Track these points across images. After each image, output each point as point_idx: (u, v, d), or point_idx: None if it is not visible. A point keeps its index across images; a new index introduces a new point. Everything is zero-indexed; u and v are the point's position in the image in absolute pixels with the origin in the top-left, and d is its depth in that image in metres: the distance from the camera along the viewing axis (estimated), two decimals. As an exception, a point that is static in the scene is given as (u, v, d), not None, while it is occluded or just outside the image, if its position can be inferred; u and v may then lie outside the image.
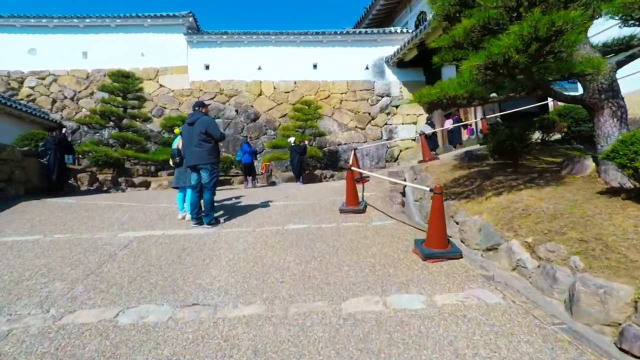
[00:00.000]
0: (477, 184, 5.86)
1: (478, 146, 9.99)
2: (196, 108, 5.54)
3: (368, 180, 7.89)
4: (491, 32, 4.40)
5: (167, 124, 13.58)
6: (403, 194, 7.00)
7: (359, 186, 7.35)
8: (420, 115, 17.37)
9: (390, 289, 3.28)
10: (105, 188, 10.08)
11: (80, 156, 12.86)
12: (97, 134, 14.68)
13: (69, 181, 9.44)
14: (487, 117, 11.28)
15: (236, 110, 16.45)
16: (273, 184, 12.68)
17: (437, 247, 3.93)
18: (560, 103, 12.00)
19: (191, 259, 4.03)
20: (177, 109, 16.21)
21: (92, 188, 9.82)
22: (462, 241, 4.92)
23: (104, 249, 4.37)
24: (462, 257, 3.89)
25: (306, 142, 12.81)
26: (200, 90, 16.61)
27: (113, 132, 12.91)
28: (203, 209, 5.41)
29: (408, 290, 3.26)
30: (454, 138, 12.91)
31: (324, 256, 4.04)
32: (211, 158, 5.31)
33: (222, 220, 5.65)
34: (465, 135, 13.47)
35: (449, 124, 12.51)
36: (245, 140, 11.69)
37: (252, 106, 16.59)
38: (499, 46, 3.67)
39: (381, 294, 3.20)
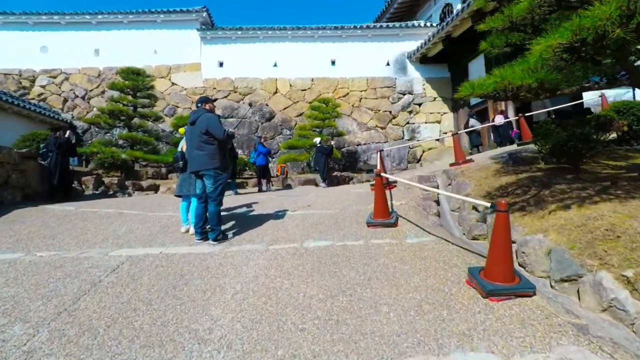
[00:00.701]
0: (533, 194, 4.91)
1: (515, 147, 8.98)
2: (199, 104, 4.77)
3: (395, 186, 7.00)
4: (567, 6, 3.47)
5: (178, 123, 12.96)
6: (438, 202, 6.09)
7: (386, 192, 6.50)
8: (444, 113, 16.34)
9: (449, 345, 2.42)
10: (111, 192, 9.48)
11: (90, 158, 12.37)
12: (108, 134, 14.20)
13: (74, 185, 8.87)
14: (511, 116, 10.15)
15: (250, 108, 15.75)
16: (289, 187, 11.90)
17: (501, 279, 3.03)
18: (611, 98, 10.83)
19: (189, 290, 3.25)
20: (190, 108, 15.60)
21: (97, 192, 9.24)
22: (521, 265, 4.00)
23: (88, 274, 3.63)
24: (535, 294, 2.99)
25: (332, 143, 12.07)
26: (214, 88, 15.98)
27: (122, 132, 12.35)
28: (209, 223, 4.65)
29: (473, 347, 2.40)
30: (502, 136, 11.87)
31: (354, 289, 3.20)
32: (214, 162, 4.51)
33: (230, 234, 4.87)
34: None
35: (500, 120, 11.47)
36: (259, 141, 10.95)
37: (267, 105, 15.87)
38: (592, 18, 2.75)
39: (438, 353, 2.34)
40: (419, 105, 16.32)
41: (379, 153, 7.16)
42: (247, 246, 4.44)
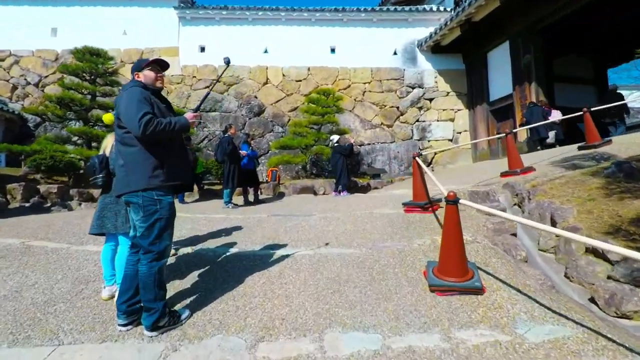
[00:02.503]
0: None
1: (563, 150, 6.98)
2: (132, 74, 2.61)
3: (440, 206, 4.90)
4: None
5: (147, 116, 10.67)
6: (515, 234, 4.00)
7: (427, 215, 4.39)
8: (458, 110, 14.35)
9: None
10: (48, 204, 7.15)
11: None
12: (61, 129, 11.73)
13: (-7, 194, 6.54)
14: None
15: (236, 100, 13.47)
16: (281, 195, 9.70)
17: None
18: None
19: None
20: (165, 99, 13.24)
21: (26, 205, 6.90)
22: None
23: None
24: None
25: (352, 141, 9.93)
26: (194, 76, 13.66)
27: (75, 126, 9.96)
28: (141, 296, 2.44)
29: None
30: (540, 135, 9.91)
31: None
32: (138, 179, 2.36)
33: (185, 313, 2.64)
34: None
35: (557, 116, 9.51)
36: (245, 139, 8.68)
37: (256, 97, 13.62)
38: None
39: None
40: (430, 100, 14.28)
41: (414, 159, 5.02)
42: (213, 343, 2.26)
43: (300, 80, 13.86)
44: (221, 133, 10.62)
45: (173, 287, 3.07)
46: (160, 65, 2.69)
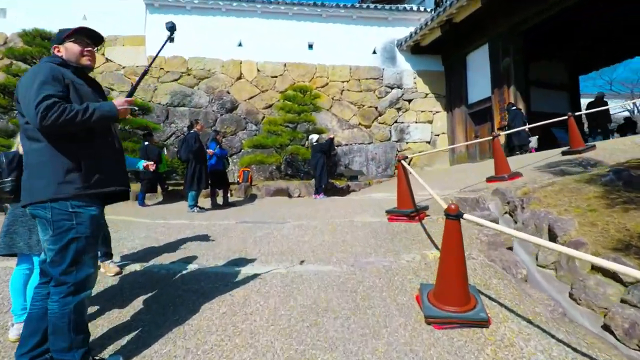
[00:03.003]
0: None
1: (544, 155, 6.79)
2: (52, 46, 1.99)
3: (427, 215, 4.46)
4: None
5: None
6: (511, 247, 3.61)
7: (413, 225, 3.95)
8: (436, 112, 14.16)
9: None
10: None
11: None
12: (4, 120, 10.58)
13: None
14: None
15: (207, 95, 12.68)
16: (253, 198, 9.07)
17: None
18: None
19: None
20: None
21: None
22: None
23: None
24: None
25: (332, 136, 9.43)
26: (161, 68, 12.75)
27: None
28: (50, 345, 1.81)
29: None
30: (520, 140, 9.74)
31: None
32: (46, 185, 1.76)
33: None
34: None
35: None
36: (213, 137, 7.96)
37: (228, 92, 12.87)
38: None
39: None
40: (409, 101, 14.01)
41: (400, 163, 4.55)
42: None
43: (276, 76, 13.24)
44: (186, 129, 9.85)
45: (109, 321, 2.44)
46: (88, 37, 2.07)
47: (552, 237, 3.48)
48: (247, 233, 4.50)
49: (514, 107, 10.17)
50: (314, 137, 9.20)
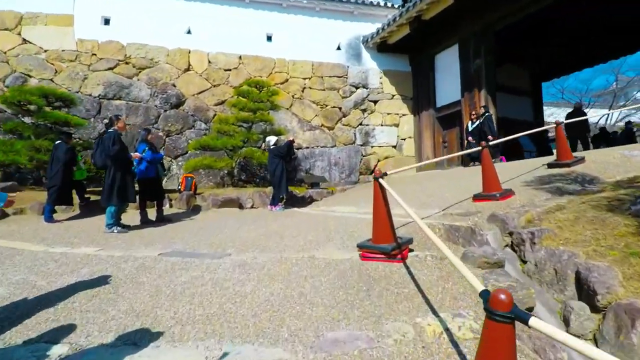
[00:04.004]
0: None
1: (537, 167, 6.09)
2: None
3: (411, 249, 3.41)
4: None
5: (14, 99, 7.95)
6: (532, 307, 2.63)
7: (394, 267, 2.89)
8: (403, 115, 13.41)
9: None
10: None
11: None
12: None
13: None
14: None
15: (149, 87, 11.02)
16: (196, 210, 7.70)
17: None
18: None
19: None
20: (52, 80, 10.38)
21: None
22: None
23: None
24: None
25: (292, 138, 8.12)
26: (93, 54, 10.92)
27: None
28: None
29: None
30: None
31: None
32: None
33: None
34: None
35: None
36: (144, 137, 6.42)
37: (174, 85, 11.29)
38: None
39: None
40: (375, 103, 13.14)
41: (377, 181, 3.46)
42: None
43: (230, 70, 11.83)
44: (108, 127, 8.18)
45: None
46: None
47: (587, 293, 2.53)
48: (166, 277, 3.22)
49: (488, 113, 9.54)
50: (271, 139, 7.97)
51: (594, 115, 9.66)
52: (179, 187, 8.33)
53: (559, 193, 4.47)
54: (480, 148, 4.82)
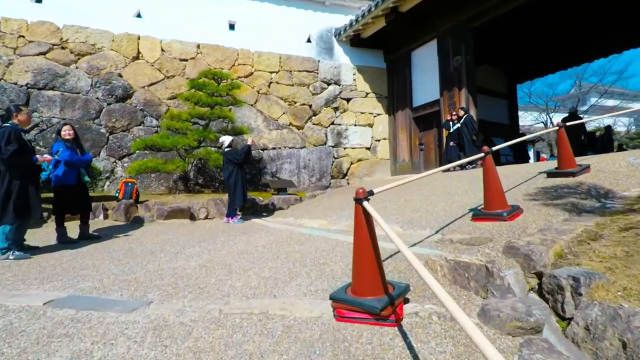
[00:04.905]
0: None
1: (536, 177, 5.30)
2: None
3: (404, 301, 2.40)
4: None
5: None
6: (540, 329, 1.71)
7: (384, 332, 1.79)
8: (378, 115, 12.56)
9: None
10: None
11: None
12: None
13: None
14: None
15: (90, 77, 9.50)
16: (137, 222, 6.40)
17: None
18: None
19: None
20: (-35, 65, 8.67)
21: None
22: None
23: None
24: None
25: (250, 141, 6.64)
26: (21, 35, 9.28)
27: None
28: None
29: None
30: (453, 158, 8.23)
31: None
32: None
33: None
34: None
35: None
36: (58, 137, 5.03)
37: (120, 75, 9.82)
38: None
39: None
40: (348, 101, 12.20)
41: (360, 206, 2.43)
42: None
43: (187, 60, 10.50)
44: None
45: None
46: None
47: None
48: (32, 355, 2.03)
49: (468, 114, 8.81)
50: (225, 139, 6.79)
51: (587, 120, 9.35)
52: (118, 195, 6.97)
53: (577, 211, 3.64)
54: (479, 155, 3.90)
